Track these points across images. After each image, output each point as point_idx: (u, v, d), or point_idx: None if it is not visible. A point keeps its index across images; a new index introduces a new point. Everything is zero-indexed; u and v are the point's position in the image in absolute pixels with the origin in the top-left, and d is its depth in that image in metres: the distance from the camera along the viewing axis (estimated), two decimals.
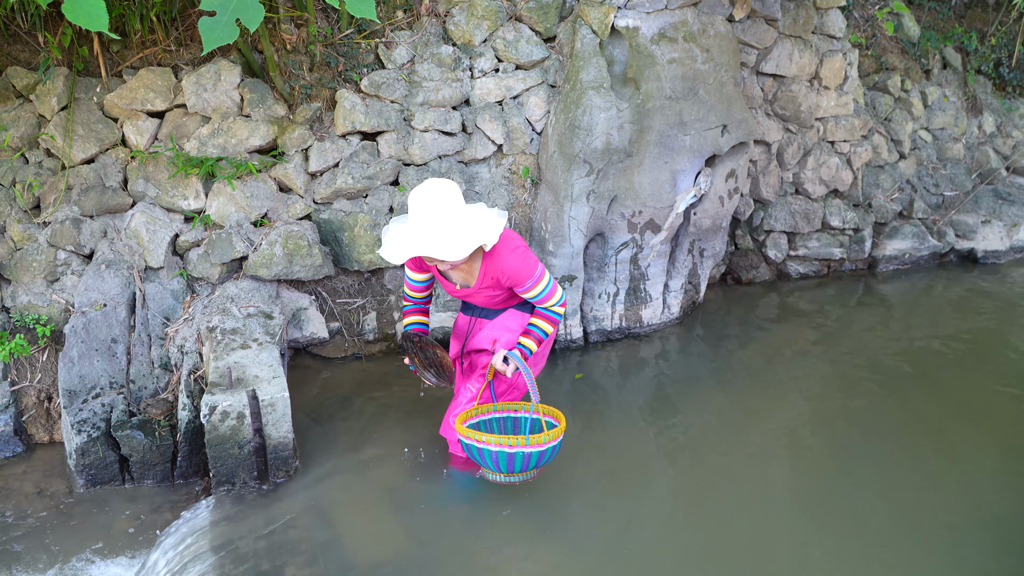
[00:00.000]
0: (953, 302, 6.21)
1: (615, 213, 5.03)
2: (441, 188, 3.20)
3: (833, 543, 3.38)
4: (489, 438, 3.26)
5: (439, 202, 3.18)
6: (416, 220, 3.21)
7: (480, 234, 3.23)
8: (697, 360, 5.22)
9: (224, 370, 3.68)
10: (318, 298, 4.75)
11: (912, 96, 7.15)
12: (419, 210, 3.19)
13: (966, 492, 3.74)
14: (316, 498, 3.56)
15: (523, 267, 3.39)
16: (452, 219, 3.18)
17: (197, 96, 4.41)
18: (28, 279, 4.24)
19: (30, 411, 4.22)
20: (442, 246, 3.16)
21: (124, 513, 3.70)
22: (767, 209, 6.42)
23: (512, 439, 3.25)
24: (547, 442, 3.28)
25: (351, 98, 4.66)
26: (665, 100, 4.81)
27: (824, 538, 3.42)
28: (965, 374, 4.97)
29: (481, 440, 3.27)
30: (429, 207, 3.18)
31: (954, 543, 3.40)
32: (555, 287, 3.50)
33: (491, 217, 3.33)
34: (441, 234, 3.17)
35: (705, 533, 3.46)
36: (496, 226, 3.30)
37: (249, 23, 2.86)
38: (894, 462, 3.99)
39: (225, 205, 4.43)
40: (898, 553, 3.34)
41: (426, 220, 3.18)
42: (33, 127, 4.32)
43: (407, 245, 3.23)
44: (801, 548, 3.36)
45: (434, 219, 3.17)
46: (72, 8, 2.77)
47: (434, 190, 3.19)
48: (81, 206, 4.30)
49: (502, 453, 3.26)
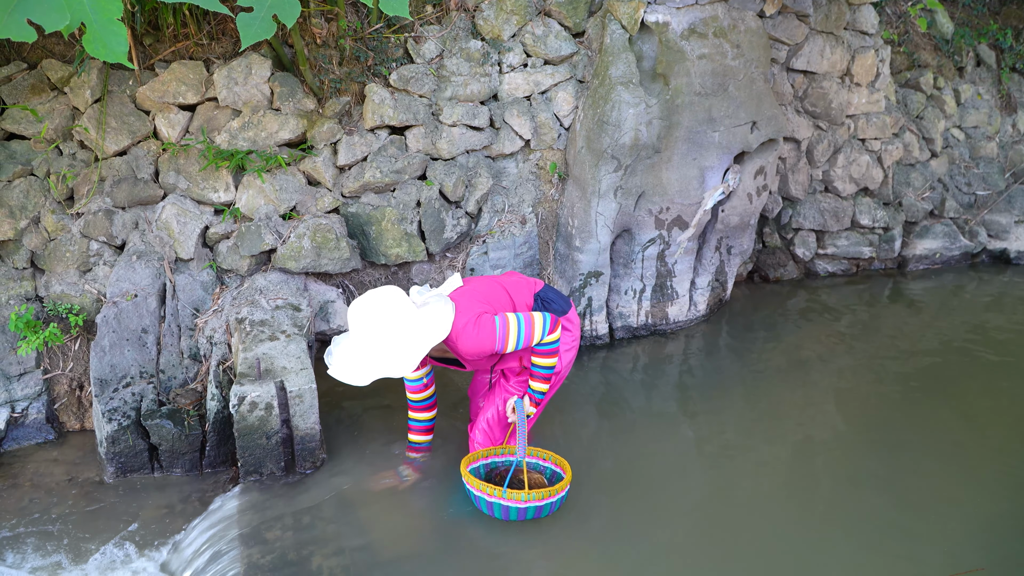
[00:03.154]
0: (984, 303, 6.12)
1: (642, 209, 5.01)
2: (369, 309, 3.24)
3: (857, 544, 3.36)
4: (489, 488, 3.29)
5: (362, 325, 3.23)
6: (347, 337, 3.33)
7: (390, 364, 3.20)
8: (723, 358, 5.20)
9: (253, 361, 3.71)
10: (345, 291, 4.78)
11: (945, 94, 7.06)
12: (349, 328, 3.30)
13: (992, 494, 3.69)
14: (342, 490, 3.59)
15: (480, 342, 3.27)
16: (367, 346, 3.22)
17: (228, 90, 4.45)
18: (61, 269, 4.30)
19: (62, 399, 4.29)
20: (350, 372, 3.23)
21: (153, 501, 3.74)
22: (796, 207, 6.37)
23: (513, 493, 3.27)
24: (545, 498, 3.30)
25: (380, 92, 4.68)
26: (694, 96, 4.79)
27: (848, 539, 3.39)
28: (995, 376, 4.90)
29: (483, 490, 3.31)
30: (353, 329, 3.26)
31: (987, 544, 3.36)
32: (529, 325, 3.31)
33: (413, 339, 3.21)
34: (353, 359, 3.24)
35: (727, 531, 3.45)
36: (411, 353, 3.19)
37: (286, 18, 2.89)
38: (922, 463, 3.95)
39: (254, 198, 4.46)
40: (925, 555, 3.30)
41: (349, 341, 3.28)
42: (67, 119, 4.37)
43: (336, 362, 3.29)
44: (825, 548, 3.34)
45: (353, 343, 3.25)
46: (92, 41, 2.80)
47: (363, 311, 3.24)
48: (113, 197, 4.35)
49: (496, 504, 3.31)
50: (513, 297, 3.53)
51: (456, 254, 4.94)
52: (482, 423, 3.74)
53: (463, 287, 3.54)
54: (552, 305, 3.57)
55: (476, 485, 3.31)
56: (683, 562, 3.26)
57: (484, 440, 3.73)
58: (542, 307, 3.56)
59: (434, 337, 3.18)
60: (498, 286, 3.57)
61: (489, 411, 3.73)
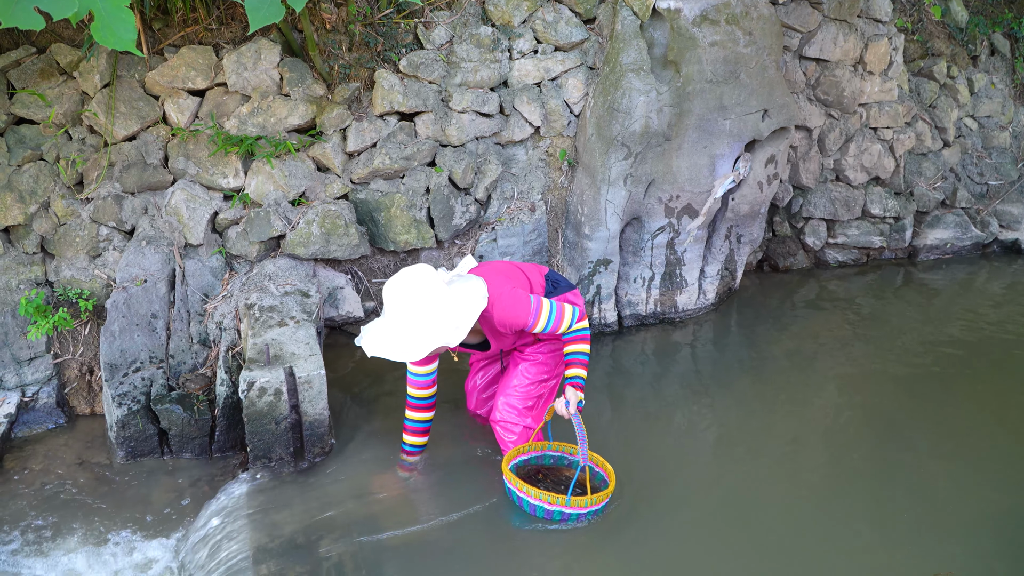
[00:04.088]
0: (995, 293, 6.09)
1: (652, 197, 4.99)
2: (409, 284, 3.13)
3: (865, 533, 3.35)
4: (530, 489, 3.19)
5: (405, 301, 3.12)
6: (384, 318, 3.20)
7: (441, 333, 3.10)
8: (731, 347, 5.18)
9: (262, 347, 3.71)
10: (354, 277, 4.77)
11: (958, 83, 7.00)
12: (387, 308, 3.17)
13: (1003, 484, 3.68)
14: (351, 475, 3.60)
15: (514, 312, 3.26)
16: (414, 319, 3.10)
17: (237, 75, 4.44)
18: (71, 254, 4.30)
19: (72, 383, 4.30)
20: (400, 348, 3.11)
21: (163, 485, 3.76)
22: (806, 196, 6.33)
23: (554, 496, 3.18)
24: (588, 505, 3.22)
25: (389, 78, 4.66)
26: (706, 83, 4.76)
27: (856, 528, 3.39)
28: (1005, 366, 4.88)
29: (522, 490, 3.23)
30: (395, 306, 3.14)
31: (993, 535, 3.35)
32: (561, 311, 3.31)
33: (459, 307, 3.14)
34: (401, 335, 3.11)
35: (736, 517, 3.45)
36: (463, 319, 3.13)
37: (295, 3, 2.87)
38: (931, 453, 3.94)
39: (264, 184, 4.46)
40: (933, 544, 3.30)
41: (390, 320, 3.15)
42: (76, 104, 4.37)
43: (374, 343, 3.17)
44: (832, 537, 3.33)
45: (397, 320, 3.13)
46: (100, 28, 2.79)
47: (402, 287, 3.14)
48: (123, 183, 4.35)
49: (540, 507, 3.22)
50: (528, 276, 3.57)
51: (465, 241, 4.93)
52: (505, 403, 3.64)
53: (480, 267, 3.53)
54: (560, 284, 3.66)
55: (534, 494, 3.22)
56: (692, 548, 3.26)
57: (511, 415, 3.63)
58: (552, 287, 3.62)
59: (478, 305, 3.14)
60: (513, 266, 3.59)
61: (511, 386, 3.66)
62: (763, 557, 3.22)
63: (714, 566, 3.18)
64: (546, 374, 3.66)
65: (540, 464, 3.60)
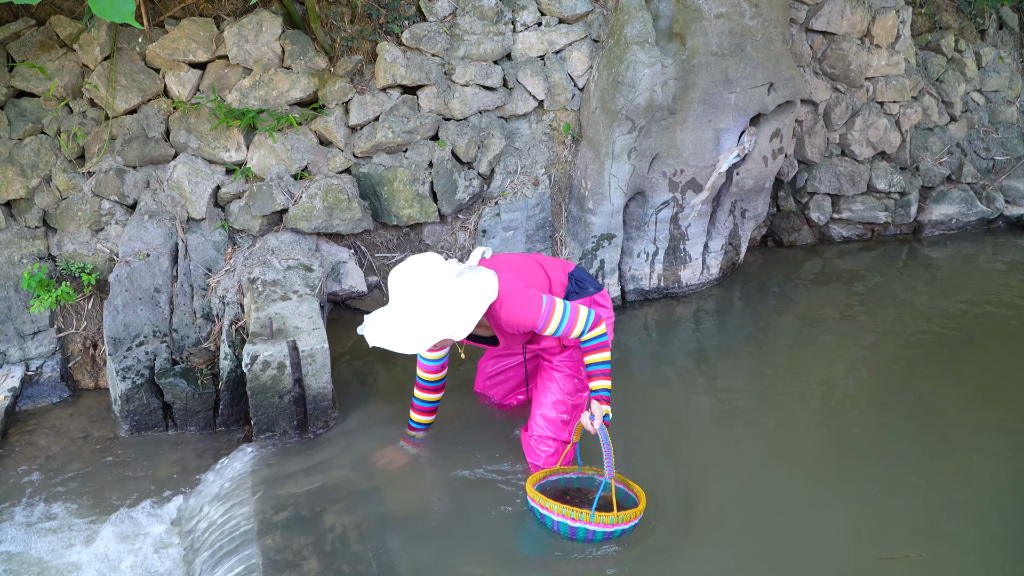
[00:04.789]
0: (1000, 269, 6.07)
1: (656, 171, 4.96)
2: (415, 273, 2.97)
3: (865, 509, 3.36)
4: (553, 505, 2.99)
5: (410, 290, 2.95)
6: (389, 307, 3.03)
7: (445, 326, 2.93)
8: (735, 322, 5.18)
9: (265, 320, 3.71)
10: (357, 252, 4.76)
11: (966, 57, 6.93)
12: (392, 297, 3.01)
13: (1007, 459, 3.68)
14: (355, 448, 3.61)
15: (523, 313, 3.05)
16: (419, 309, 2.94)
17: (239, 47, 4.40)
18: (74, 228, 4.29)
19: (76, 357, 4.31)
20: (402, 339, 2.94)
21: (168, 458, 3.77)
22: (811, 170, 6.30)
23: (577, 511, 2.97)
24: (615, 523, 2.98)
25: (392, 51, 4.62)
26: (711, 56, 4.71)
27: (856, 504, 3.39)
28: (1010, 342, 4.87)
29: (545, 506, 3.02)
30: (400, 296, 2.98)
31: (995, 508, 3.35)
32: (575, 314, 3.07)
33: (466, 300, 2.98)
34: (404, 326, 2.95)
35: (738, 493, 3.45)
36: (469, 312, 2.96)
37: None
38: (934, 428, 3.94)
39: (266, 157, 4.44)
40: (934, 519, 3.31)
41: (395, 309, 2.99)
42: (77, 76, 4.34)
43: (377, 333, 3.00)
44: (832, 513, 3.34)
45: (401, 310, 2.97)
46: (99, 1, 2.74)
47: (408, 276, 2.97)
48: (124, 156, 4.33)
49: (563, 525, 3.01)
50: (548, 273, 3.35)
51: (468, 216, 4.91)
52: (543, 417, 3.45)
53: (496, 258, 3.31)
54: (585, 284, 3.43)
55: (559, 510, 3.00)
56: (692, 526, 3.26)
57: (549, 430, 3.43)
58: (576, 287, 3.40)
59: (487, 298, 2.97)
60: (532, 260, 3.37)
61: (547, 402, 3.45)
62: (761, 532, 3.23)
63: (716, 540, 3.19)
64: (581, 386, 3.45)
65: (568, 486, 3.36)
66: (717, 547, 3.15)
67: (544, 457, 3.43)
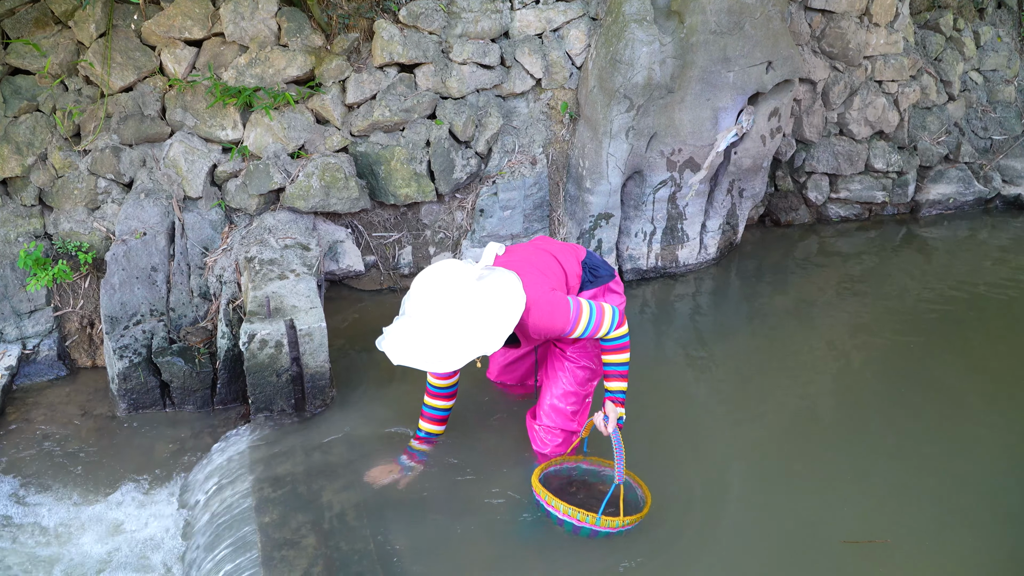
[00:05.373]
0: (997, 249, 6.08)
1: (654, 150, 4.95)
2: (438, 285, 2.82)
3: (861, 488, 3.38)
4: (559, 504, 2.96)
5: (434, 304, 2.80)
6: (409, 320, 2.85)
7: (479, 342, 2.77)
8: (732, 301, 5.19)
9: (262, 299, 3.71)
10: (354, 231, 4.75)
11: (964, 35, 6.91)
12: (413, 309, 2.85)
13: (1003, 436, 3.71)
14: (353, 427, 3.62)
15: (552, 320, 2.92)
16: (447, 326, 2.77)
17: (235, 24, 4.37)
18: (70, 206, 4.28)
19: (73, 336, 4.31)
20: (432, 358, 2.77)
21: (165, 436, 3.78)
22: (809, 150, 6.28)
23: (583, 513, 2.92)
24: (620, 526, 2.96)
25: (389, 29, 4.59)
26: (709, 34, 4.69)
27: (851, 483, 3.41)
28: (1007, 321, 4.88)
29: (551, 504, 2.98)
30: (424, 309, 2.81)
31: (991, 488, 3.38)
32: (601, 314, 2.97)
33: (497, 312, 2.81)
34: (432, 343, 2.78)
35: (731, 473, 3.47)
36: (502, 327, 2.80)
37: None
38: (930, 407, 3.96)
39: (263, 136, 4.42)
40: (927, 497, 3.33)
41: (418, 324, 2.81)
42: (72, 54, 4.31)
43: (401, 350, 2.83)
44: (831, 489, 3.36)
45: (426, 325, 2.80)
46: None
47: (431, 287, 2.83)
48: (120, 134, 4.31)
49: (568, 523, 2.98)
50: (564, 265, 3.22)
51: (466, 195, 4.90)
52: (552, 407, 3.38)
53: (510, 256, 3.15)
54: (599, 271, 3.34)
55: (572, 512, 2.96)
56: (689, 505, 3.28)
57: (558, 420, 3.37)
58: (591, 276, 3.31)
59: (517, 309, 2.82)
60: (546, 254, 3.21)
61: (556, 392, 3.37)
62: (755, 508, 3.25)
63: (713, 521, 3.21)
64: (591, 376, 3.37)
65: (572, 476, 3.33)
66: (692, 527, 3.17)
67: (551, 447, 3.39)
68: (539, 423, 3.41)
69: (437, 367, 2.77)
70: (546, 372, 3.46)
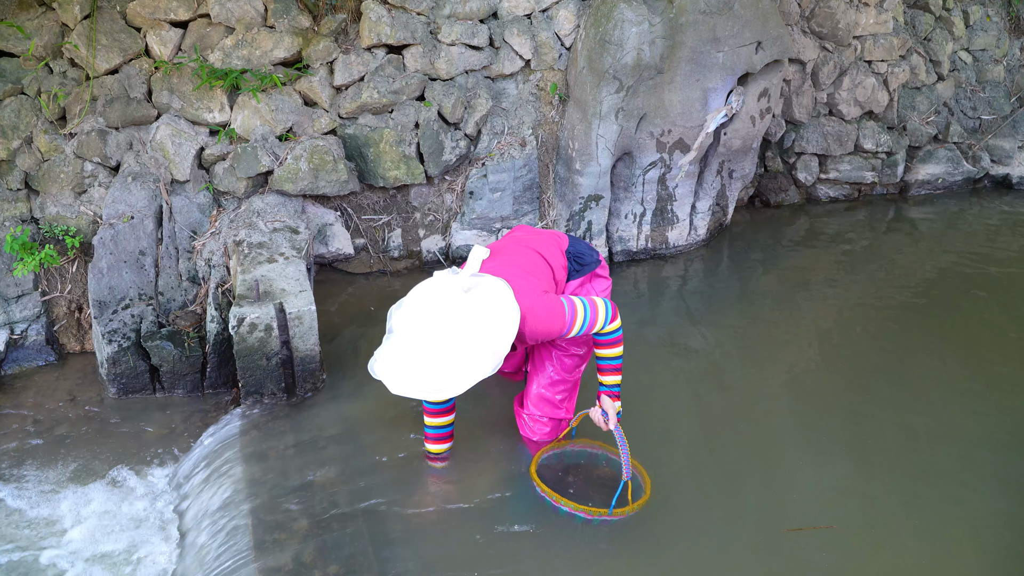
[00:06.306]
0: (985, 228, 6.10)
1: (644, 132, 4.94)
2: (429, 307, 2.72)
3: (851, 468, 3.39)
4: (558, 497, 2.93)
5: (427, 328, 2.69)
6: (402, 344, 2.75)
7: (480, 365, 2.70)
8: (722, 283, 5.19)
9: (251, 283, 3.70)
10: (343, 214, 4.74)
11: (954, 15, 6.90)
12: (405, 332, 2.75)
13: (991, 415, 3.73)
14: (343, 411, 3.61)
15: (549, 325, 2.88)
16: (443, 351, 2.67)
17: (221, 5, 4.33)
18: (56, 190, 4.24)
19: (61, 321, 4.28)
20: (431, 386, 2.70)
21: (156, 421, 3.78)
22: (799, 130, 6.28)
23: (579, 506, 2.90)
24: (616, 515, 2.92)
25: (377, 9, 4.56)
26: (699, 14, 4.67)
27: (841, 463, 3.42)
28: (995, 300, 4.91)
29: (549, 495, 2.94)
30: (416, 333, 2.71)
31: (981, 466, 3.40)
32: (595, 311, 2.92)
33: (493, 331, 2.73)
34: (429, 370, 2.69)
35: (722, 456, 3.48)
36: (499, 346, 2.73)
37: None
38: (918, 387, 3.98)
39: (250, 118, 4.39)
40: (916, 479, 3.35)
41: (413, 349, 2.71)
42: (56, 36, 4.27)
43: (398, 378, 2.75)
44: (815, 471, 3.37)
45: (421, 350, 2.69)
46: None
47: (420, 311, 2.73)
48: (106, 117, 4.27)
49: (562, 511, 2.95)
50: (549, 260, 3.15)
51: (455, 177, 4.88)
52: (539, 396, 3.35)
53: (496, 259, 3.04)
54: (584, 259, 3.29)
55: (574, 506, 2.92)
56: (679, 486, 3.29)
57: (545, 409, 3.35)
58: (576, 265, 3.26)
59: (512, 324, 2.76)
60: (530, 252, 3.12)
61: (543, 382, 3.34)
62: (746, 489, 3.27)
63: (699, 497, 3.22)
64: (579, 363, 3.33)
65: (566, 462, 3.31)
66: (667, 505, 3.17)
67: (540, 435, 3.39)
68: (527, 411, 3.40)
69: (438, 395, 2.72)
70: (533, 360, 3.44)
